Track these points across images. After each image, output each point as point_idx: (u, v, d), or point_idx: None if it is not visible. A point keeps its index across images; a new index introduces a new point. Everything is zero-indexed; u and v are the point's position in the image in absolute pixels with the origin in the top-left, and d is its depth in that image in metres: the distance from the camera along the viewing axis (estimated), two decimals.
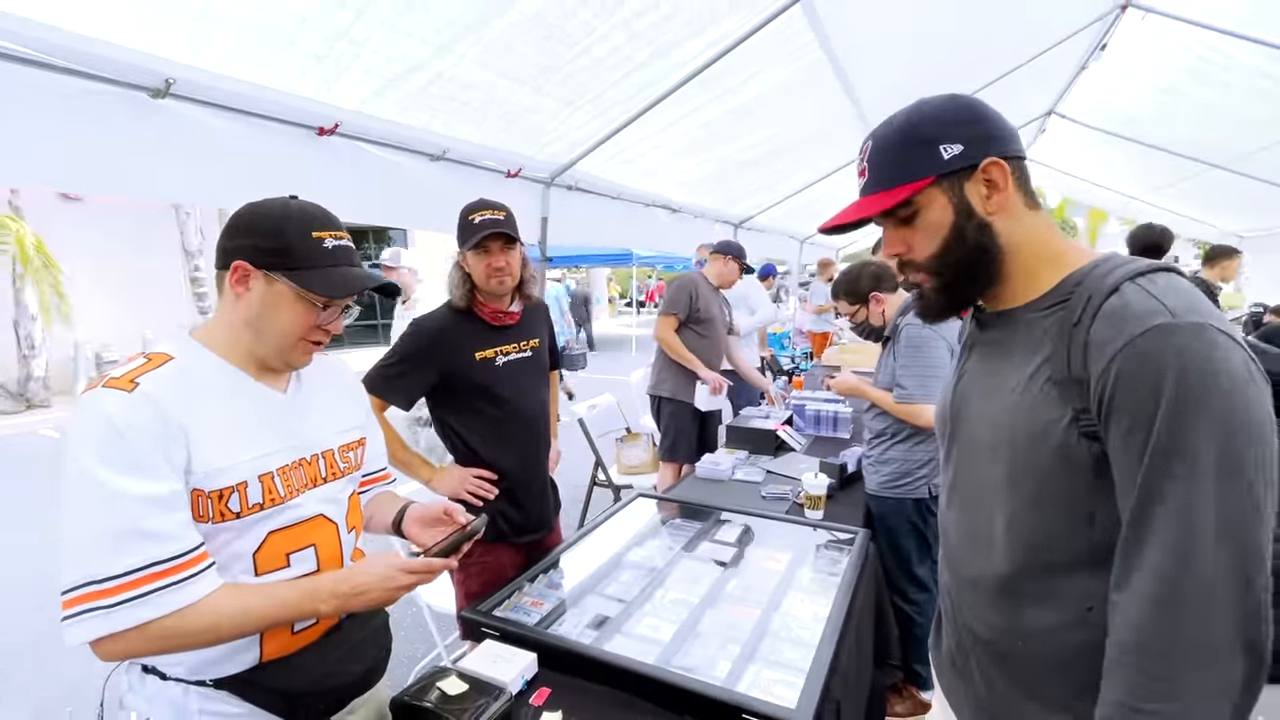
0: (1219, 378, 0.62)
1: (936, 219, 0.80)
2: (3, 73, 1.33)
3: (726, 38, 2.56)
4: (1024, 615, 0.80)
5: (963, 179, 0.78)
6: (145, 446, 0.85)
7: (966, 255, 0.80)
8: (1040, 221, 0.80)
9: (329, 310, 1.00)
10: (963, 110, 0.79)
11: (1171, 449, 0.63)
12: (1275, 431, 0.63)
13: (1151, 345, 0.64)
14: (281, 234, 0.95)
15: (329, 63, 1.84)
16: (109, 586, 0.81)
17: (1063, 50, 3.95)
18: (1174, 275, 0.70)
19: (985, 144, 0.77)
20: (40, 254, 7.91)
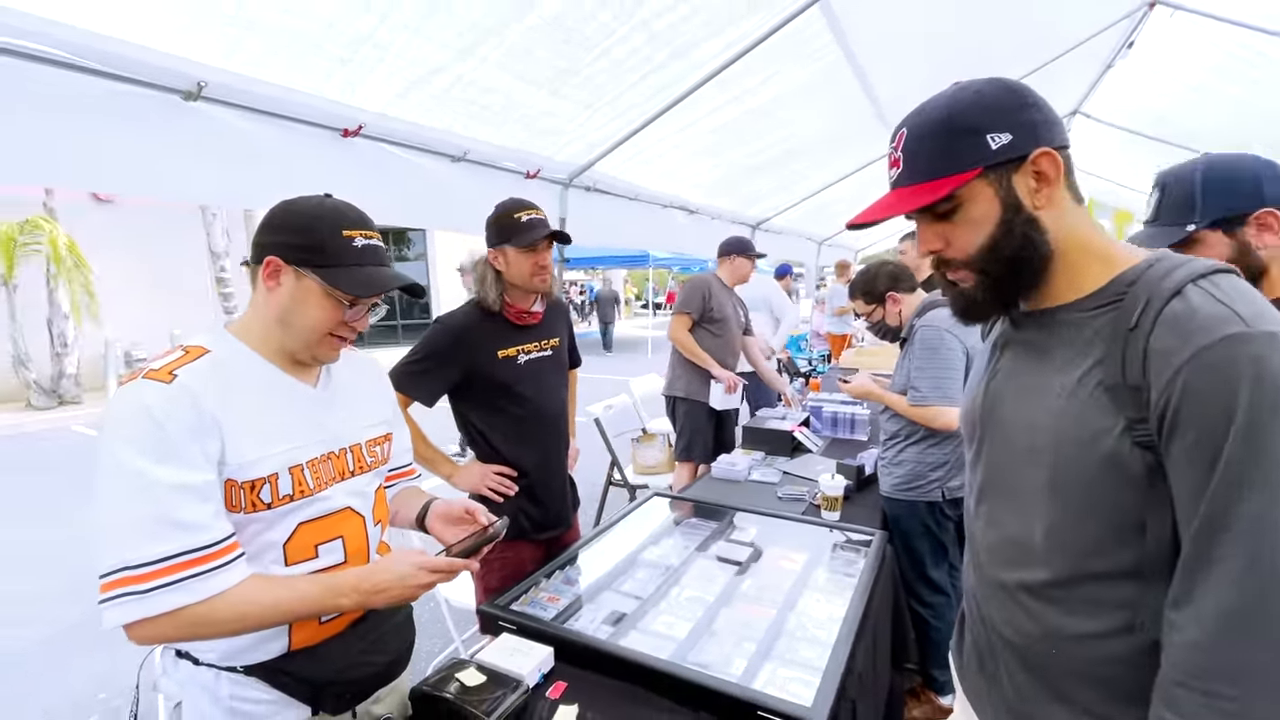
0: None
1: (982, 213, 0.74)
2: (43, 76, 1.38)
3: (745, 39, 2.56)
4: (1060, 622, 0.78)
5: (1011, 170, 0.72)
6: (182, 437, 0.87)
7: (1015, 252, 0.75)
8: (1084, 217, 0.76)
9: (356, 308, 1.02)
10: (1010, 95, 0.73)
11: (1248, 463, 0.60)
12: None
13: (1223, 356, 0.60)
14: (313, 231, 0.98)
15: (354, 66, 1.88)
16: (144, 572, 0.84)
17: (1088, 49, 3.90)
18: (1235, 277, 0.67)
19: (1035, 132, 0.71)
20: (72, 254, 8.13)
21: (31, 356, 8.21)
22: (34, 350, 8.25)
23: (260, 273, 1.00)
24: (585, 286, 22.11)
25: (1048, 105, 0.74)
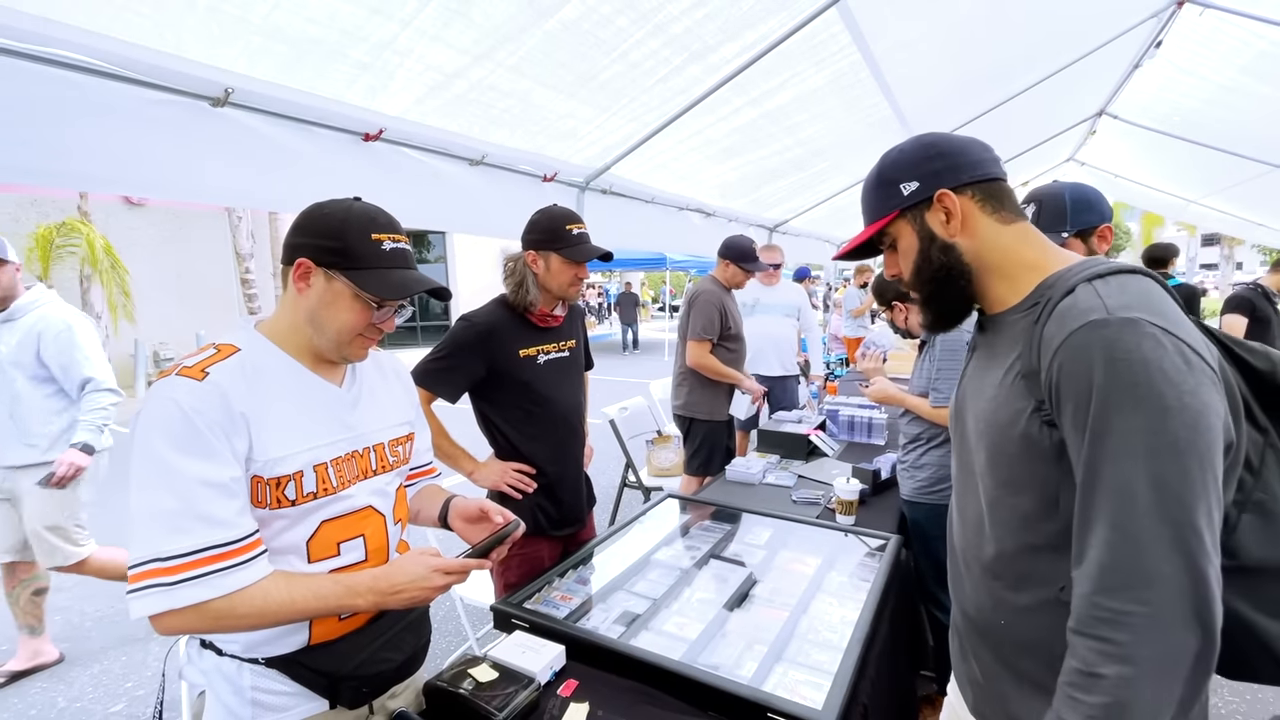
0: (1146, 365, 0.67)
1: (907, 245, 0.91)
2: (83, 84, 1.43)
3: (762, 41, 2.56)
4: (1005, 596, 0.87)
5: (923, 210, 0.88)
6: (211, 433, 0.90)
7: (934, 274, 0.89)
8: (1014, 235, 0.87)
9: (383, 309, 1.04)
10: (922, 150, 0.89)
11: (1103, 432, 0.69)
12: (1217, 420, 0.67)
13: (1084, 339, 0.71)
14: (342, 235, 1.00)
15: (375, 71, 1.91)
16: (170, 565, 0.86)
17: (1114, 48, 3.83)
18: (1133, 276, 0.75)
19: (937, 178, 0.87)
20: (109, 255, 8.36)
21: None
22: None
23: (291, 274, 1.02)
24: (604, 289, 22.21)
25: (963, 152, 0.88)
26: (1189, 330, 0.70)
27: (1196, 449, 0.66)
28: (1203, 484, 0.66)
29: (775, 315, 4.07)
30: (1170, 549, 0.65)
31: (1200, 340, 0.71)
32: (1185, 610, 0.65)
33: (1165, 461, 0.66)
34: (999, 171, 0.88)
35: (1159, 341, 0.67)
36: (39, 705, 2.54)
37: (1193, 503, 0.65)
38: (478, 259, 16.21)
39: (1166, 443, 0.66)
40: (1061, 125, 5.60)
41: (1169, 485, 0.66)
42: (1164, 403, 0.66)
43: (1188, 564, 0.65)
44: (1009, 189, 0.89)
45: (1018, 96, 4.19)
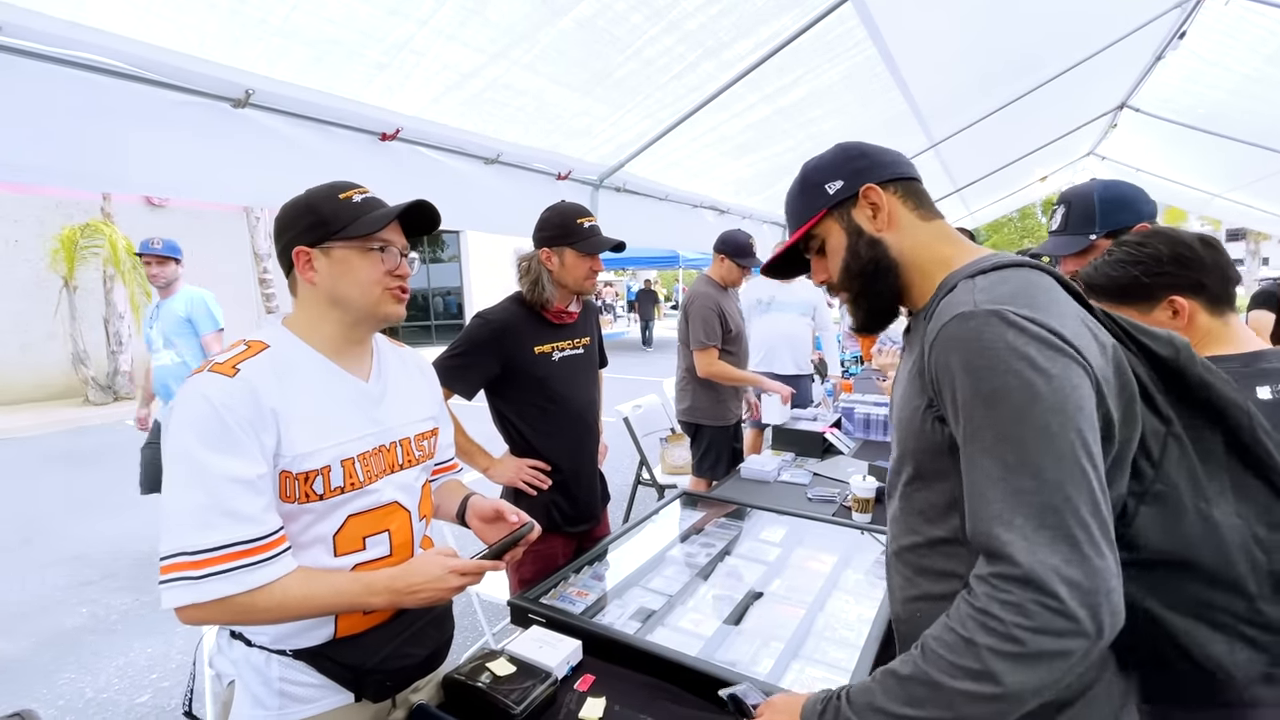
0: (1009, 354, 0.67)
1: (836, 243, 0.92)
2: (105, 88, 1.46)
3: (776, 37, 2.55)
4: (921, 587, 0.88)
5: (849, 206, 0.90)
6: (241, 430, 0.91)
7: (863, 268, 0.90)
8: (932, 232, 0.89)
9: (389, 254, 1.06)
10: (842, 153, 0.93)
11: (975, 424, 0.70)
12: (1087, 404, 0.67)
13: (948, 332, 0.72)
14: (314, 209, 1.04)
15: (391, 71, 1.93)
16: (198, 559, 0.88)
17: (1136, 40, 3.76)
18: (1017, 270, 0.75)
19: (861, 175, 0.89)
20: (130, 256, 8.51)
21: (89, 354, 8.62)
22: (91, 348, 8.67)
23: (296, 269, 1.05)
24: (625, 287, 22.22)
25: (881, 154, 0.92)
26: (1062, 318, 0.70)
27: (1068, 434, 0.65)
28: (1080, 470, 0.64)
29: (790, 314, 4.04)
30: (1054, 539, 0.63)
31: (1076, 329, 0.70)
32: (1073, 603, 0.62)
33: (1038, 449, 0.65)
34: (915, 174, 0.93)
35: (1022, 330, 0.67)
36: (67, 696, 2.60)
37: (1073, 490, 0.64)
38: (491, 258, 16.29)
39: (1036, 429, 0.65)
40: (1082, 119, 5.51)
41: (1045, 473, 0.64)
42: (1032, 390, 0.66)
43: (1075, 555, 0.63)
44: (925, 191, 0.93)
45: (1037, 90, 4.13)
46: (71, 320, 8.46)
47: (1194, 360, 0.76)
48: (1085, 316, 0.74)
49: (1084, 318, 0.73)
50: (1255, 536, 0.72)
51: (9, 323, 8.74)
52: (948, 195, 6.42)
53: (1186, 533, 0.73)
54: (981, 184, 6.74)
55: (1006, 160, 6.25)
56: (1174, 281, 1.12)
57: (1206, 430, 0.76)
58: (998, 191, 7.91)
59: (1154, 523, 0.74)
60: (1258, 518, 0.73)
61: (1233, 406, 0.75)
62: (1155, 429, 0.75)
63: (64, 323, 8.48)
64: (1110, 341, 0.75)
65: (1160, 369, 0.77)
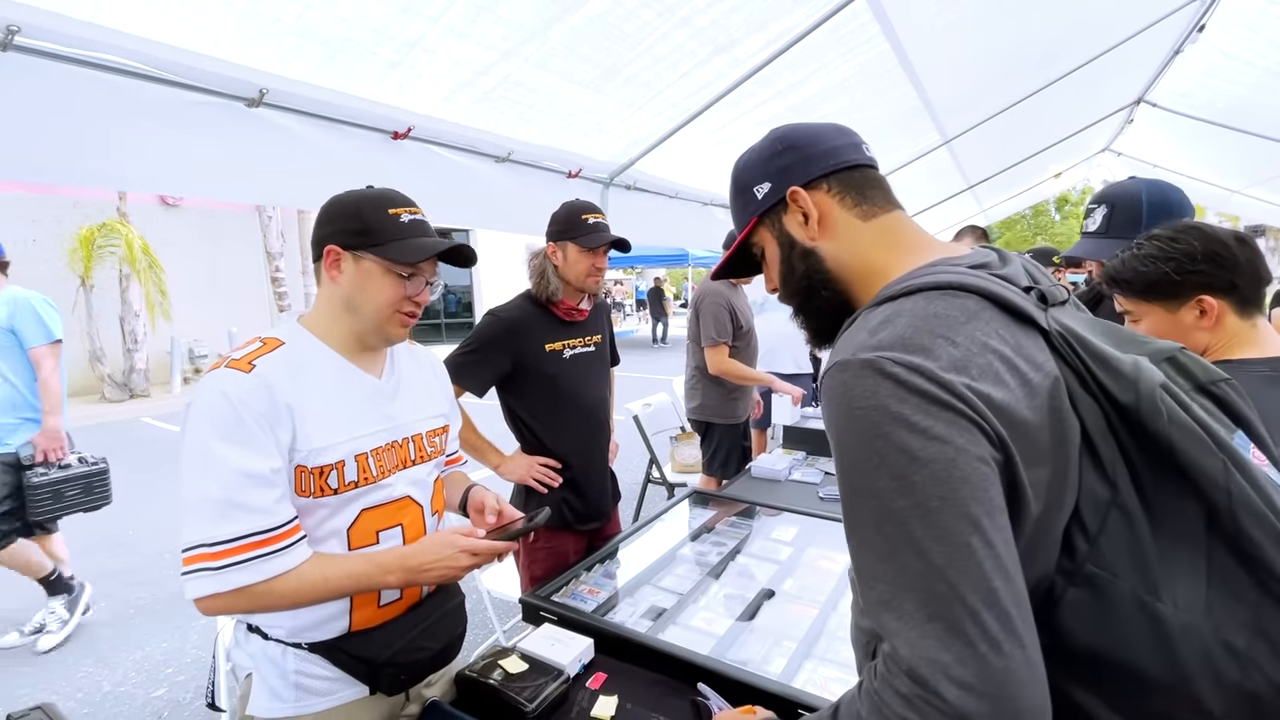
0: (882, 413, 0.56)
1: (772, 254, 0.83)
2: (126, 88, 1.48)
3: (789, 33, 2.53)
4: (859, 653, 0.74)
5: (780, 212, 0.79)
6: (257, 425, 0.93)
7: (798, 283, 0.80)
8: (873, 235, 0.75)
9: (414, 281, 1.07)
10: (768, 146, 0.81)
11: (850, 493, 0.60)
12: (976, 468, 0.54)
13: (828, 382, 0.62)
14: (361, 215, 1.04)
15: (403, 70, 1.93)
16: (217, 550, 0.90)
17: (1154, 33, 3.70)
18: (924, 297, 0.62)
19: (787, 174, 0.78)
20: (146, 255, 8.61)
21: (105, 352, 8.73)
22: (107, 346, 8.78)
23: (323, 265, 1.06)
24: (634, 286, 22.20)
25: (815, 141, 0.78)
26: (962, 360, 0.57)
27: (951, 509, 0.53)
28: (968, 552, 0.53)
29: (785, 313, 4.01)
30: (946, 633, 0.52)
31: (982, 369, 0.57)
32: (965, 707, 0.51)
33: (919, 527, 0.54)
34: (861, 157, 0.78)
35: (900, 383, 0.56)
36: (85, 689, 2.63)
37: (958, 576, 0.52)
38: (501, 257, 16.34)
39: (915, 505, 0.54)
40: (1098, 114, 5.44)
41: (928, 556, 0.53)
42: (907, 457, 0.55)
43: (968, 653, 0.52)
44: (874, 176, 0.78)
45: (1052, 85, 4.08)
46: (88, 319, 8.56)
47: (1159, 412, 0.57)
48: (1019, 347, 0.60)
49: (1013, 350, 0.59)
50: (1228, 645, 0.55)
51: None
52: (960, 192, 6.36)
53: (1121, 630, 0.58)
54: (994, 180, 6.67)
55: (1020, 156, 6.18)
56: (1206, 280, 1.07)
57: (1178, 501, 0.58)
58: (1011, 188, 7.82)
59: (1079, 612, 0.59)
60: (1241, 623, 0.56)
61: (1205, 478, 0.56)
62: (1096, 496, 0.59)
63: (81, 321, 8.58)
64: (1050, 379, 0.59)
65: (1124, 418, 0.59)
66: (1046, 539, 0.59)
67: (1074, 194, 24.03)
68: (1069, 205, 26.43)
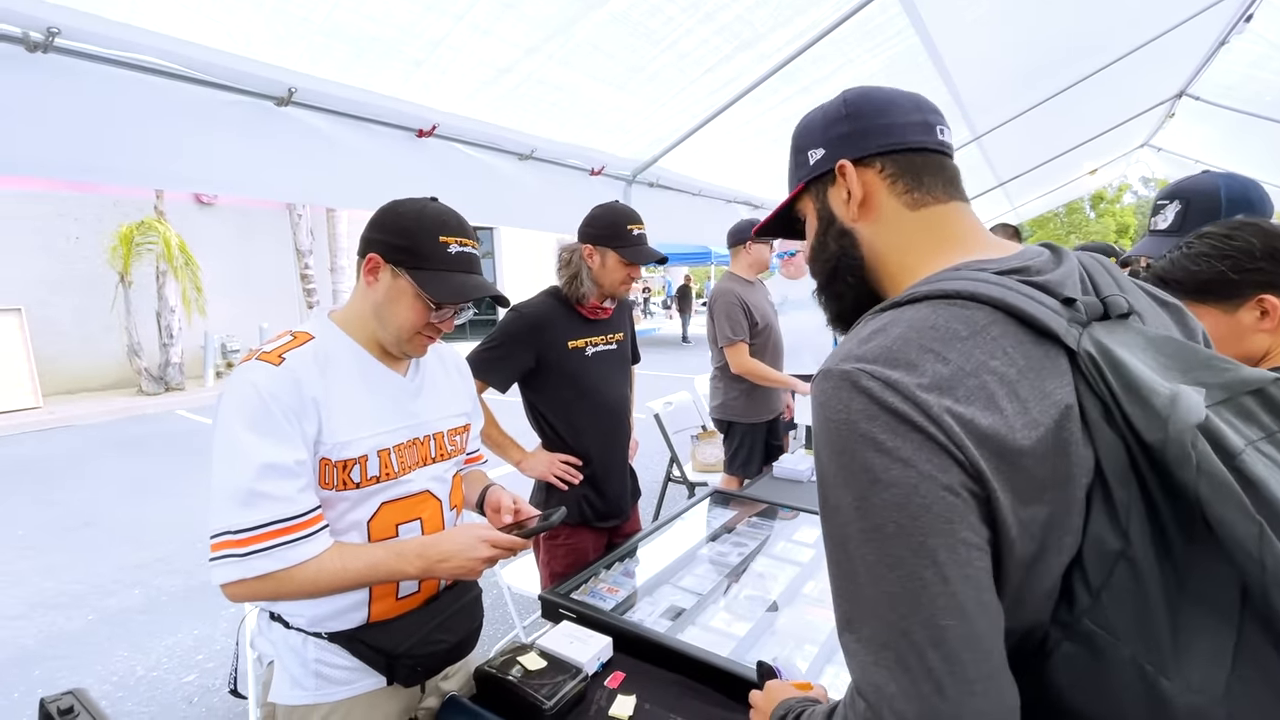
0: (851, 429, 0.53)
1: (810, 226, 0.77)
2: (159, 88, 1.51)
3: (814, 27, 2.50)
4: None
5: (826, 184, 0.73)
6: (284, 417, 0.95)
7: (826, 262, 0.75)
8: (916, 227, 0.68)
9: (442, 310, 1.08)
10: (836, 108, 0.73)
11: (822, 504, 0.58)
12: (940, 498, 0.50)
13: (812, 391, 0.59)
14: (412, 234, 1.04)
15: (428, 68, 1.95)
16: (242, 537, 0.92)
17: (1197, 25, 3.57)
18: (926, 306, 0.57)
19: (842, 145, 0.70)
20: (183, 252, 8.86)
21: (143, 346, 9.00)
22: (145, 341, 9.05)
23: (362, 267, 1.07)
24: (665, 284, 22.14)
25: (878, 113, 0.70)
26: (949, 379, 0.52)
27: (906, 539, 0.50)
28: (919, 587, 0.50)
29: (807, 310, 3.95)
30: (896, 664, 0.50)
31: (970, 392, 0.52)
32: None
33: (874, 553, 0.52)
34: (929, 139, 0.69)
35: (873, 399, 0.53)
36: (120, 673, 2.72)
37: (906, 611, 0.50)
38: (523, 254, 16.45)
39: (871, 528, 0.52)
40: (1136, 108, 5.28)
41: (881, 584, 0.51)
42: (869, 478, 0.52)
43: (913, 690, 0.50)
44: (938, 162, 0.70)
45: (1088, 79, 3.96)
46: (127, 314, 8.82)
47: (1186, 458, 0.48)
48: (1027, 369, 0.53)
49: (1018, 372, 0.53)
50: None
51: (72, 316, 9.19)
52: (990, 190, 6.22)
53: (1116, 699, 0.52)
54: (1026, 178, 6.51)
55: (1054, 153, 6.02)
56: (1266, 279, 1.00)
57: (1209, 564, 0.49)
58: (1043, 185, 7.63)
59: (1071, 670, 0.55)
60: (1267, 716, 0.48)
61: (1234, 543, 0.46)
62: (1104, 544, 0.52)
63: (120, 316, 8.86)
64: (1059, 408, 0.53)
65: (1150, 460, 0.51)
66: (1039, 584, 0.54)
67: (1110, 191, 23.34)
68: (1104, 203, 25.68)
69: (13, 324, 8.12)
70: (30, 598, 3.39)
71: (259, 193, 1.84)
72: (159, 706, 2.49)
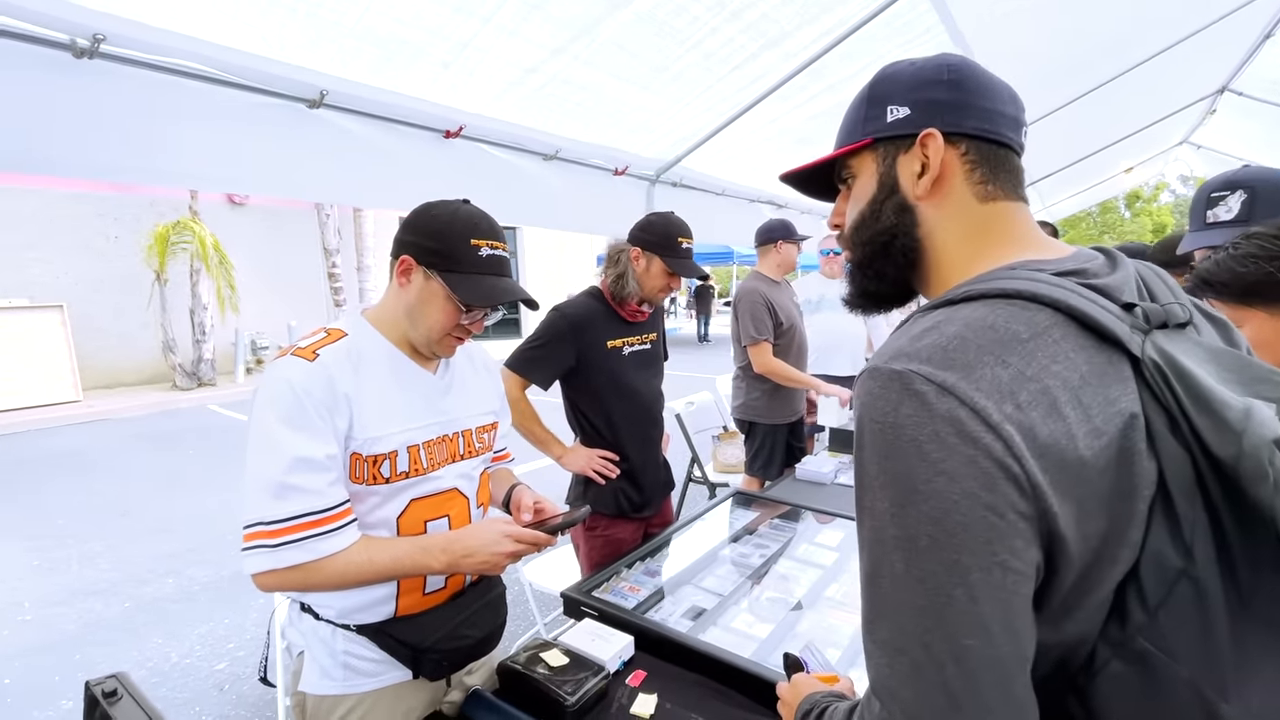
0: (897, 433, 0.51)
1: (863, 188, 0.69)
2: (198, 91, 1.55)
3: (842, 24, 2.47)
4: None
5: (900, 148, 0.66)
6: (316, 412, 0.97)
7: (875, 235, 0.68)
8: (983, 219, 0.64)
9: (472, 312, 1.09)
10: (935, 70, 0.66)
11: (859, 507, 0.56)
12: (982, 516, 0.48)
13: (856, 388, 0.57)
14: (444, 237, 1.05)
15: (456, 69, 1.97)
16: (274, 529, 0.94)
17: (1240, 17, 3.45)
18: (983, 305, 0.55)
19: (934, 112, 0.64)
20: (217, 251, 9.09)
21: (177, 343, 9.26)
22: (179, 337, 9.31)
23: (395, 268, 1.09)
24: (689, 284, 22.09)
25: (980, 92, 0.65)
26: (1010, 384, 0.49)
27: (939, 554, 0.49)
28: (944, 602, 0.48)
29: (842, 311, 3.90)
30: (912, 672, 0.50)
31: (1032, 397, 0.49)
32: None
33: (904, 562, 0.51)
34: (1015, 137, 0.66)
35: (923, 403, 0.50)
36: (155, 659, 2.80)
37: (930, 624, 0.49)
38: (545, 253, 16.56)
39: (905, 538, 0.50)
40: (1175, 104, 5.12)
41: (907, 592, 0.50)
42: (908, 486, 0.50)
43: (927, 703, 0.49)
44: (1014, 161, 0.66)
45: (1125, 75, 3.86)
46: (162, 311, 9.08)
47: (1263, 475, 0.45)
48: (1089, 375, 0.51)
49: (1080, 378, 0.51)
50: None
51: (111, 313, 9.49)
52: None
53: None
54: (1059, 176, 6.36)
55: (1088, 151, 5.87)
56: None
57: (1274, 582, 0.48)
58: (1077, 184, 7.45)
59: (1120, 690, 0.52)
60: None
61: None
62: (1164, 561, 0.50)
63: (156, 313, 9.13)
64: (1124, 417, 0.50)
65: (1219, 475, 0.49)
66: (1089, 598, 0.52)
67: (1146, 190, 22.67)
68: (1140, 202, 24.94)
69: (55, 320, 8.41)
70: (71, 584, 3.51)
71: (291, 193, 1.88)
72: (191, 693, 2.56)
